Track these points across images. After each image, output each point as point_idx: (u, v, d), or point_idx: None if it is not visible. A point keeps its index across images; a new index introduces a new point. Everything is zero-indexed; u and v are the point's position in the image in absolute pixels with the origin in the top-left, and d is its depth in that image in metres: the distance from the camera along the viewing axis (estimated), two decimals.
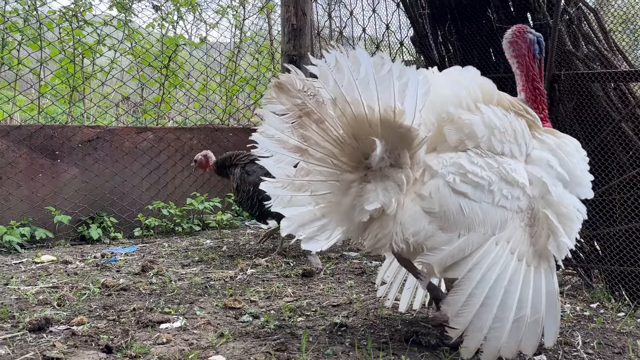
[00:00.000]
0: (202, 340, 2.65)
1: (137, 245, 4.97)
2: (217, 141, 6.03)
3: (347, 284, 3.71)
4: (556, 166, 2.42)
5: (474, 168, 2.30)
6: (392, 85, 2.23)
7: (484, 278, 2.23)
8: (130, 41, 6.31)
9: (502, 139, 2.39)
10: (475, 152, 2.36)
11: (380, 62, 2.21)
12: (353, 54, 2.22)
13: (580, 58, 3.98)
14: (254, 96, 7.06)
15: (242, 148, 6.11)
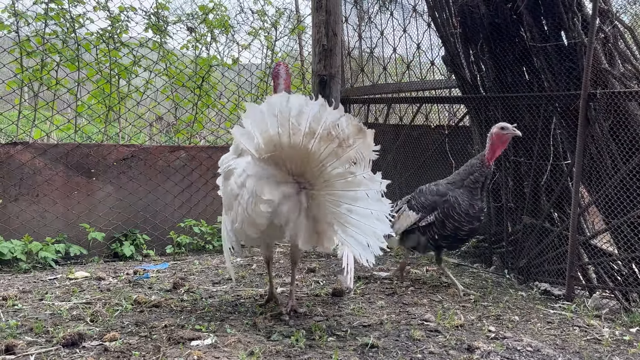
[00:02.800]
0: (232, 358, 2.64)
1: (168, 262, 5.01)
2: None
3: (377, 304, 3.67)
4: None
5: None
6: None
7: None
8: (165, 62, 6.43)
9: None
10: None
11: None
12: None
13: (616, 76, 3.91)
14: None
15: None
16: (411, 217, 4.05)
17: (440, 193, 3.93)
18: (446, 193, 3.90)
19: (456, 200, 3.85)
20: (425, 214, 3.98)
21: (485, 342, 2.86)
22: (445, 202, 3.87)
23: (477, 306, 3.60)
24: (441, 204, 3.90)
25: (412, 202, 4.12)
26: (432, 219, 3.93)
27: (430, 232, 3.96)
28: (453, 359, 2.63)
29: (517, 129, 3.85)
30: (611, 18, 4.01)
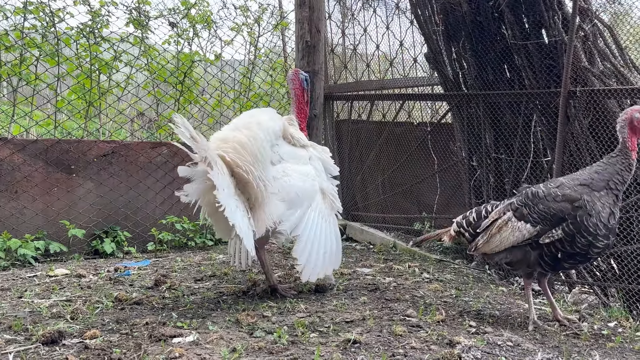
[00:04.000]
0: (214, 355, 2.63)
1: (150, 259, 4.97)
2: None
3: (360, 300, 3.68)
4: (321, 167, 3.97)
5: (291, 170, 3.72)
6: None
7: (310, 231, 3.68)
8: (146, 57, 6.37)
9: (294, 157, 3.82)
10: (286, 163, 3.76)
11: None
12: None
13: (596, 74, 3.96)
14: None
15: None
16: (524, 231, 3.13)
17: (571, 198, 3.02)
18: (578, 198, 3.00)
19: (594, 208, 2.97)
20: (547, 227, 3.06)
21: (466, 337, 2.89)
22: (579, 210, 2.98)
23: (458, 301, 3.63)
24: (572, 213, 2.99)
25: (524, 210, 3.15)
26: (560, 234, 3.02)
27: (552, 249, 3.06)
28: (434, 354, 2.65)
29: None
30: (591, 16, 4.06)
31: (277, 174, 3.67)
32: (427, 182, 5.70)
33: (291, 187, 3.66)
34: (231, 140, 3.53)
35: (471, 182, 4.98)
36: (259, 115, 3.76)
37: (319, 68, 6.42)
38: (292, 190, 3.66)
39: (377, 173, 6.27)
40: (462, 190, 5.22)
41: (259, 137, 3.54)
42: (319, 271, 3.68)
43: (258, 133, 3.56)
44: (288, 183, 3.66)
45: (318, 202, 3.82)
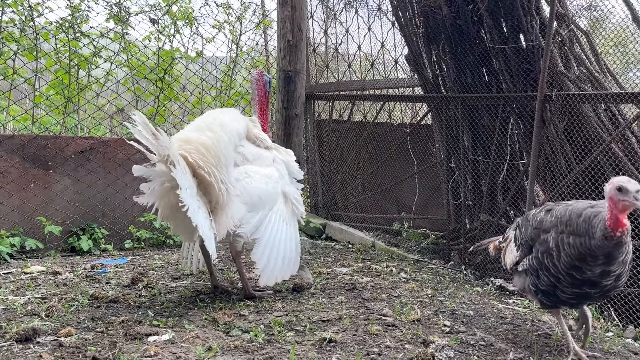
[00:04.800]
0: (190, 354, 2.64)
1: (127, 257, 4.94)
2: None
3: (337, 299, 3.70)
4: (285, 170, 3.93)
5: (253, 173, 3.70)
6: None
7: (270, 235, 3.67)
8: (126, 53, 6.33)
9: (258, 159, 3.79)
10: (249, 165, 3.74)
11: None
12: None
13: (571, 79, 4.03)
14: (248, 110, 7.08)
15: None
16: (513, 254, 2.90)
17: (543, 227, 2.67)
18: (548, 229, 2.62)
19: (555, 247, 2.56)
20: (522, 254, 2.80)
21: (441, 336, 2.93)
22: (542, 245, 2.64)
23: (433, 301, 3.67)
24: (537, 245, 2.67)
25: (517, 230, 2.93)
26: (527, 264, 2.74)
27: (532, 280, 2.73)
28: (408, 353, 2.69)
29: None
30: (568, 22, 4.13)
31: (240, 176, 3.65)
32: (406, 182, 5.75)
33: (254, 190, 3.64)
34: (194, 141, 3.46)
35: (449, 184, 5.04)
36: (222, 116, 3.73)
37: (300, 67, 6.43)
38: (255, 193, 3.64)
39: (357, 173, 6.31)
40: (440, 191, 5.28)
41: (222, 139, 3.53)
42: (277, 275, 3.67)
43: (221, 135, 3.54)
44: (250, 185, 3.64)
45: (280, 205, 3.80)
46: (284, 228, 3.77)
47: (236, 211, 3.56)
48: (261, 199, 3.66)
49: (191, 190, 3.24)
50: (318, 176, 6.95)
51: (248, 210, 3.61)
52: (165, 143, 3.13)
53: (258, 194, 3.65)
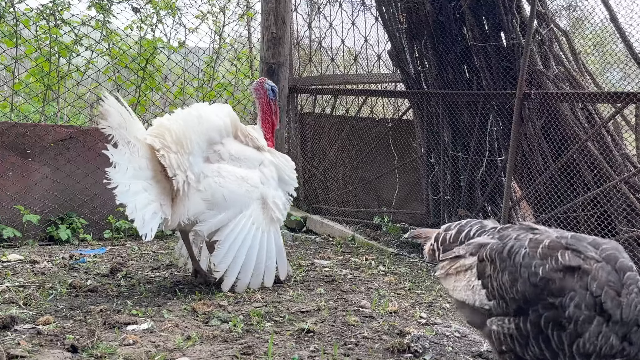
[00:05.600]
0: (168, 343, 2.65)
1: (106, 247, 4.92)
2: None
3: (316, 291, 3.74)
4: (274, 174, 3.85)
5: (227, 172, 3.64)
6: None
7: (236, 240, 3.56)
8: (108, 42, 6.28)
9: (240, 158, 3.74)
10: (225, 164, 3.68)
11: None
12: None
13: (550, 78, 4.10)
14: (231, 102, 7.07)
15: None
16: (475, 296, 2.13)
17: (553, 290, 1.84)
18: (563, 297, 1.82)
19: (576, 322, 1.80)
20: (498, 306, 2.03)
21: (417, 327, 2.99)
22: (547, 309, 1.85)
23: (411, 294, 3.73)
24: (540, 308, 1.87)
25: (487, 267, 2.08)
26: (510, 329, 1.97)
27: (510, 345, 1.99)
28: (385, 343, 2.74)
29: None
30: (547, 21, 4.20)
31: (209, 172, 3.61)
32: (387, 177, 5.79)
33: (218, 189, 3.57)
34: (163, 126, 3.55)
35: (429, 179, 5.10)
36: (203, 109, 3.74)
37: (284, 60, 6.43)
38: (219, 192, 3.57)
39: (339, 167, 6.34)
40: (420, 186, 5.34)
41: (190, 128, 3.55)
42: (247, 282, 3.63)
43: (191, 125, 3.57)
44: (217, 183, 3.58)
45: (254, 210, 3.69)
46: (258, 235, 3.66)
47: (193, 205, 3.51)
48: (225, 200, 3.57)
49: (134, 171, 3.33)
50: (300, 169, 6.96)
51: (208, 207, 3.55)
52: (113, 122, 3.30)
53: (223, 193, 3.58)
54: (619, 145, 3.80)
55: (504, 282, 1.96)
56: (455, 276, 2.24)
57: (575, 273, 1.83)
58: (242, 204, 3.64)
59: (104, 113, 3.32)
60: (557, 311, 1.82)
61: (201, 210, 3.53)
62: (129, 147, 3.33)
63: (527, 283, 1.89)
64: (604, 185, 3.70)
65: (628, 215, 3.56)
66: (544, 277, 1.86)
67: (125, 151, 3.32)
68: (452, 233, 2.35)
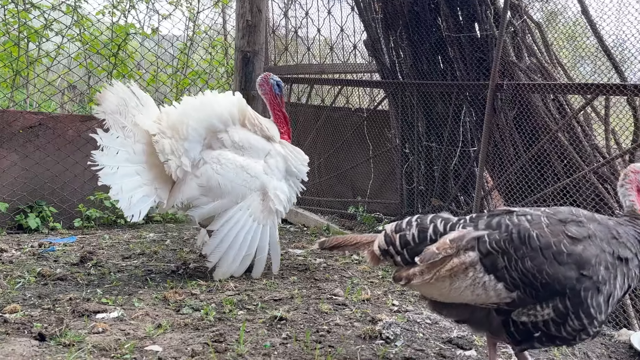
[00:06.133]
0: (139, 331, 2.63)
1: (76, 236, 4.84)
2: None
3: (290, 279, 3.74)
4: (280, 165, 3.77)
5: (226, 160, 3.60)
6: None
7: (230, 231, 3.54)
8: (79, 27, 6.15)
9: (244, 147, 3.69)
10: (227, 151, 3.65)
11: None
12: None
13: (522, 69, 4.15)
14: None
15: None
16: (490, 292, 2.04)
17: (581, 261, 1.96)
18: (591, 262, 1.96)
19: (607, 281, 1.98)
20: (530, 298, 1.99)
21: (389, 314, 3.01)
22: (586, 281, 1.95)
23: (384, 282, 3.75)
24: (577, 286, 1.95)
25: (499, 260, 2.03)
26: (548, 313, 1.97)
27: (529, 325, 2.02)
28: (357, 330, 2.75)
29: None
30: (521, 12, 4.24)
31: (209, 159, 3.61)
32: (362, 167, 5.81)
33: (215, 176, 3.57)
34: (164, 112, 3.64)
35: (403, 169, 5.13)
36: (207, 97, 3.75)
37: (259, 48, 6.36)
38: (214, 179, 3.57)
39: (314, 156, 6.32)
40: (394, 176, 5.37)
41: (189, 114, 3.58)
42: (238, 272, 3.64)
43: (189, 112, 3.59)
44: (213, 170, 3.57)
45: (253, 201, 3.64)
46: (253, 227, 3.61)
47: (188, 190, 3.55)
48: (220, 187, 3.57)
49: (127, 154, 3.42)
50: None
51: (202, 193, 3.57)
52: (107, 107, 3.46)
53: (218, 181, 3.57)
54: (588, 136, 3.86)
55: (528, 269, 1.95)
56: (449, 280, 2.06)
57: (590, 240, 1.98)
58: (239, 193, 3.61)
59: (99, 99, 3.46)
60: (591, 280, 1.93)
61: (195, 195, 3.55)
62: (123, 131, 3.43)
63: (555, 263, 1.94)
64: (574, 175, 3.76)
65: (597, 204, 3.63)
66: (570, 253, 1.94)
67: (117, 135, 3.42)
68: (413, 232, 2.19)
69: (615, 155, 3.70)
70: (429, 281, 2.09)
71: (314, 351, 2.48)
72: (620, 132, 3.72)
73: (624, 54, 3.71)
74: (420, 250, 2.13)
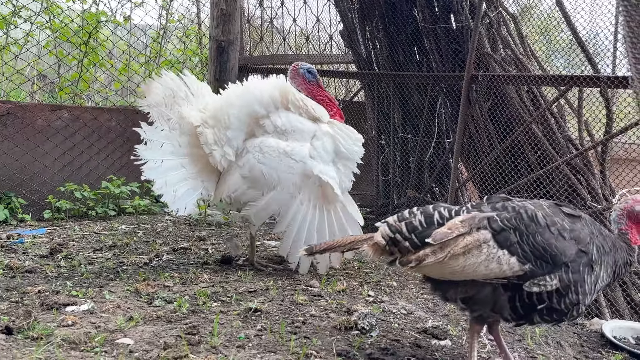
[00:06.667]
0: (110, 324, 2.57)
1: (46, 228, 4.72)
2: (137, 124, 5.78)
3: (265, 271, 3.70)
4: (327, 146, 3.49)
5: (268, 147, 3.42)
6: None
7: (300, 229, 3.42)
8: (49, 14, 5.99)
9: (287, 131, 3.47)
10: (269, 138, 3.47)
11: None
12: None
13: (497, 60, 4.17)
14: None
15: None
16: (504, 266, 2.17)
17: (579, 238, 2.21)
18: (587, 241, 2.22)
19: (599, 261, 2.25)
20: (539, 269, 2.17)
21: (364, 305, 3.00)
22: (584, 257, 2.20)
23: (359, 273, 3.75)
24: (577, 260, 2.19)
25: (511, 235, 2.19)
26: (555, 284, 2.16)
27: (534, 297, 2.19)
28: (332, 321, 2.74)
29: None
30: (496, 4, 4.25)
31: (251, 147, 3.47)
32: None
33: (257, 165, 3.40)
34: (212, 100, 3.58)
35: (379, 160, 5.12)
36: (248, 83, 3.61)
37: (234, 38, 6.30)
38: (257, 169, 3.40)
39: None
40: (370, 167, 5.36)
41: (230, 102, 3.50)
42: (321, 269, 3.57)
43: (231, 99, 3.52)
44: (255, 159, 3.42)
45: (311, 192, 3.44)
46: (322, 217, 3.46)
47: (233, 181, 3.46)
48: (264, 177, 3.40)
49: (172, 147, 3.41)
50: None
51: (249, 186, 3.44)
52: (152, 99, 3.44)
53: (262, 170, 3.40)
54: (562, 128, 3.90)
55: (538, 243, 2.16)
56: (463, 256, 2.16)
57: (584, 222, 2.26)
58: (289, 182, 3.41)
59: (145, 91, 3.41)
60: (587, 256, 2.18)
61: (241, 187, 3.44)
62: (168, 124, 3.39)
63: (560, 238, 2.17)
64: (547, 166, 3.80)
65: (569, 195, 3.67)
66: (571, 229, 2.20)
67: (162, 128, 3.40)
68: (419, 219, 2.27)
69: (588, 147, 3.74)
70: (443, 260, 2.17)
71: (289, 342, 2.46)
72: (593, 123, 3.76)
73: (597, 47, 3.75)
74: (429, 234, 2.21)
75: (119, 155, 5.61)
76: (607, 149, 3.67)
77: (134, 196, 5.36)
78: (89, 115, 5.51)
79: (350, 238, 2.50)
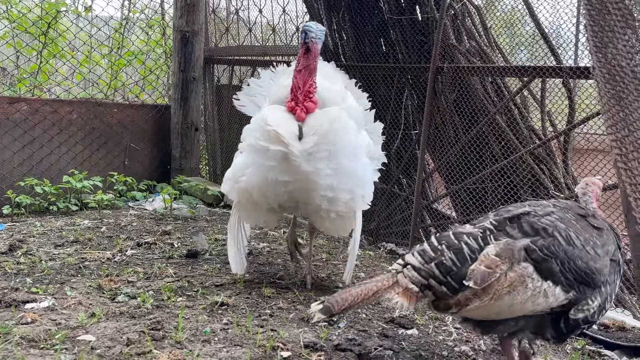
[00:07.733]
0: (71, 320, 2.51)
1: (5, 224, 4.58)
2: (99, 116, 5.68)
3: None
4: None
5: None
6: None
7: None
8: (6, 4, 5.79)
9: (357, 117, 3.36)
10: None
11: None
12: None
13: (462, 52, 4.19)
14: (142, 72, 6.75)
15: (127, 125, 5.82)
16: (550, 298, 2.06)
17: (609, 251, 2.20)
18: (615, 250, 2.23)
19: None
20: (581, 294, 2.08)
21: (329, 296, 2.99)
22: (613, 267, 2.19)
23: (327, 265, 3.75)
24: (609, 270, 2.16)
25: (553, 264, 2.06)
26: (597, 305, 2.12)
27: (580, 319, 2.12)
28: (300, 313, 2.73)
29: None
30: None
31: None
32: None
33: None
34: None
35: None
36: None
37: (198, 28, 6.22)
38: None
39: None
40: None
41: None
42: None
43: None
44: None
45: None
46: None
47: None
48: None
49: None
50: (217, 143, 6.78)
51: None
52: None
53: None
54: (525, 118, 3.95)
55: (580, 268, 2.04)
56: (509, 295, 2.01)
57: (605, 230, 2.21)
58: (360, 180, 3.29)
59: None
60: (617, 262, 2.16)
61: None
62: None
63: (597, 257, 2.09)
64: (511, 156, 3.84)
65: (533, 185, 3.72)
66: (602, 244, 2.13)
67: None
68: (450, 257, 2.06)
69: (551, 137, 3.80)
70: (488, 302, 2.01)
71: (255, 335, 2.44)
72: (556, 114, 3.82)
73: (560, 39, 3.80)
74: (465, 273, 2.02)
75: (80, 149, 5.48)
76: (569, 139, 3.73)
77: (96, 190, 5.22)
78: (49, 108, 5.36)
79: (371, 288, 2.16)
